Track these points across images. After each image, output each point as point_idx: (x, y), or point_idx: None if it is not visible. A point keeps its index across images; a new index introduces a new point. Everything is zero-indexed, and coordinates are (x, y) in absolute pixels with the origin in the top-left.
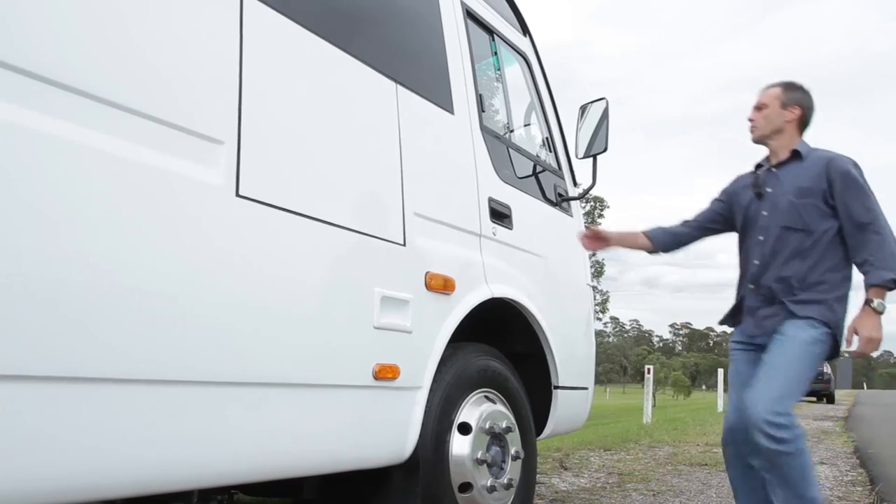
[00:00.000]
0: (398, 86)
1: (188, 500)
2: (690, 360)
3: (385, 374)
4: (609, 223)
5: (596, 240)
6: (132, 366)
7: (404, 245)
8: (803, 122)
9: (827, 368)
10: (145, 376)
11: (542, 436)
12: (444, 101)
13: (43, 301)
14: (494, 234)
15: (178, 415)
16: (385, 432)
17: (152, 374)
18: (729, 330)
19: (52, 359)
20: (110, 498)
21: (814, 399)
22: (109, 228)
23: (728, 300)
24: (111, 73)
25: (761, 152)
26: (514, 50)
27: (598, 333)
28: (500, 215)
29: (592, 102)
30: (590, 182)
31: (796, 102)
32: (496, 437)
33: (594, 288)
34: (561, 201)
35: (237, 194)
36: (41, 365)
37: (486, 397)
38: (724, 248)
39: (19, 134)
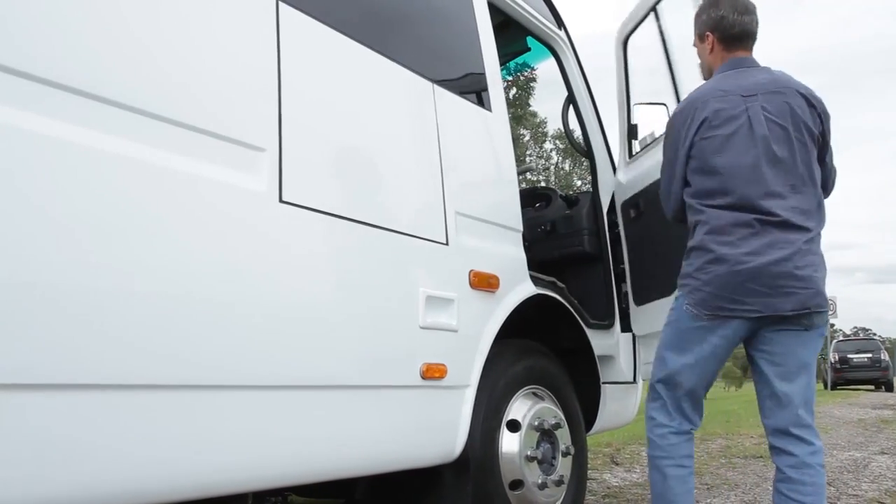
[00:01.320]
0: (435, 85)
1: (243, 503)
2: (741, 350)
3: (432, 373)
4: None
5: None
6: (185, 372)
7: (447, 244)
8: (726, 40)
9: (885, 355)
10: (199, 382)
11: (591, 431)
12: (480, 99)
13: (102, 312)
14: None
15: (231, 419)
16: (434, 431)
17: (206, 380)
18: None
19: (111, 368)
20: (169, 501)
21: (871, 388)
22: (158, 238)
23: None
24: (156, 87)
25: None
26: (550, 44)
27: None
28: None
29: (649, 104)
30: None
31: (706, 28)
32: (545, 434)
33: None
34: None
35: (280, 200)
36: (105, 375)
37: (534, 394)
38: None
39: (72, 147)
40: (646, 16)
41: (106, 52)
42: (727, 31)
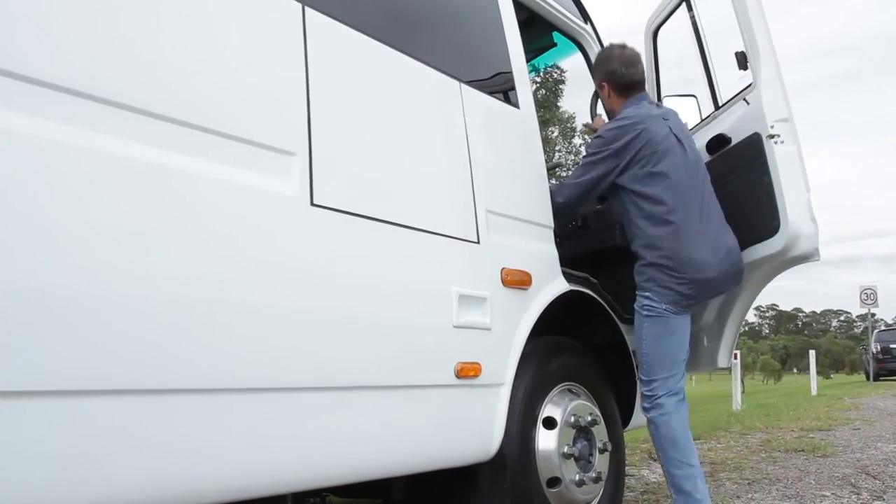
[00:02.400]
0: (462, 84)
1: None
2: (779, 342)
3: (467, 372)
4: None
5: None
6: (225, 376)
7: (478, 243)
8: (619, 88)
9: None
10: (238, 385)
11: (628, 427)
12: (508, 95)
13: (143, 318)
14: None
15: (271, 421)
16: (470, 430)
17: (244, 383)
18: (819, 310)
19: (158, 372)
20: (211, 502)
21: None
22: (192, 245)
23: (814, 280)
24: (186, 95)
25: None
26: (576, 38)
27: None
28: None
29: (679, 97)
30: None
31: (600, 79)
32: (582, 431)
33: None
34: None
35: (312, 203)
36: (149, 380)
37: (570, 391)
38: None
39: (105, 157)
40: (677, 6)
41: (136, 62)
42: (619, 82)
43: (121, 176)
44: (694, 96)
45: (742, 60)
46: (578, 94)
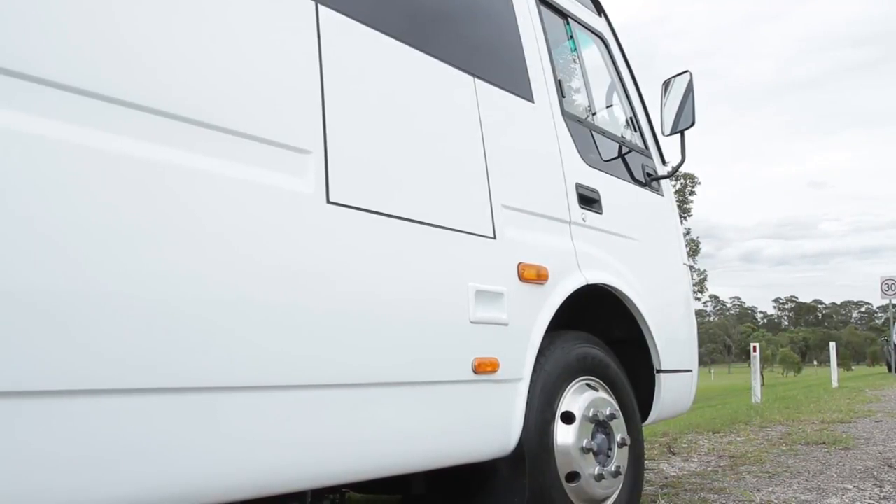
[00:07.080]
0: (476, 79)
1: (302, 500)
2: (798, 335)
3: (485, 367)
4: (701, 199)
5: None
6: (247, 374)
7: (494, 238)
8: None
9: None
10: (258, 383)
11: (647, 421)
12: (522, 90)
13: (165, 316)
14: (584, 220)
15: (289, 419)
16: (488, 425)
17: (264, 381)
18: (839, 301)
19: (182, 372)
20: (232, 499)
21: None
22: (212, 244)
23: (834, 271)
24: (201, 95)
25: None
26: (591, 32)
27: (699, 313)
28: (588, 200)
29: (675, 76)
30: (679, 159)
31: None
32: (601, 425)
33: (690, 267)
34: (650, 181)
35: (328, 201)
36: (177, 379)
37: (588, 385)
38: (827, 216)
39: (128, 161)
40: None
41: (150, 62)
42: None
43: (137, 175)
44: (688, 71)
45: None
46: (592, 86)
